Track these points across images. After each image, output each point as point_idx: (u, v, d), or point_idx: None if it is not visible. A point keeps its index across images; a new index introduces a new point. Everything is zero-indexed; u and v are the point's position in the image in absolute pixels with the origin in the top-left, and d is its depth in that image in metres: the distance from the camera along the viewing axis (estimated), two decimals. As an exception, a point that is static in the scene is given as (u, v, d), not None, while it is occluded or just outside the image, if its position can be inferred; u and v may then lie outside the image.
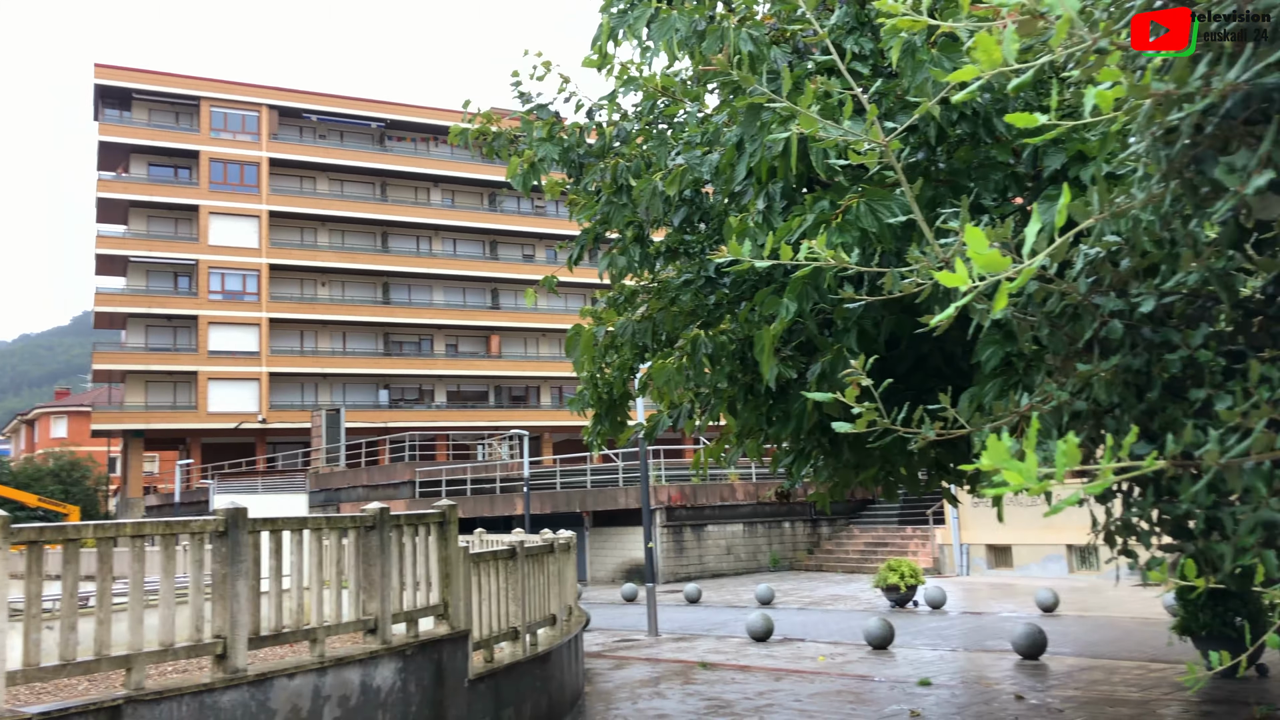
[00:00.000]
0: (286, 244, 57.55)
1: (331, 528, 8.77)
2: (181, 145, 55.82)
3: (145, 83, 55.80)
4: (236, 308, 54.89)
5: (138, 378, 53.66)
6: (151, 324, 54.75)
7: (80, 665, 6.87)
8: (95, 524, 7.26)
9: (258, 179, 56.73)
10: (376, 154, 60.97)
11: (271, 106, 57.89)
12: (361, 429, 51.51)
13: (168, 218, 56.19)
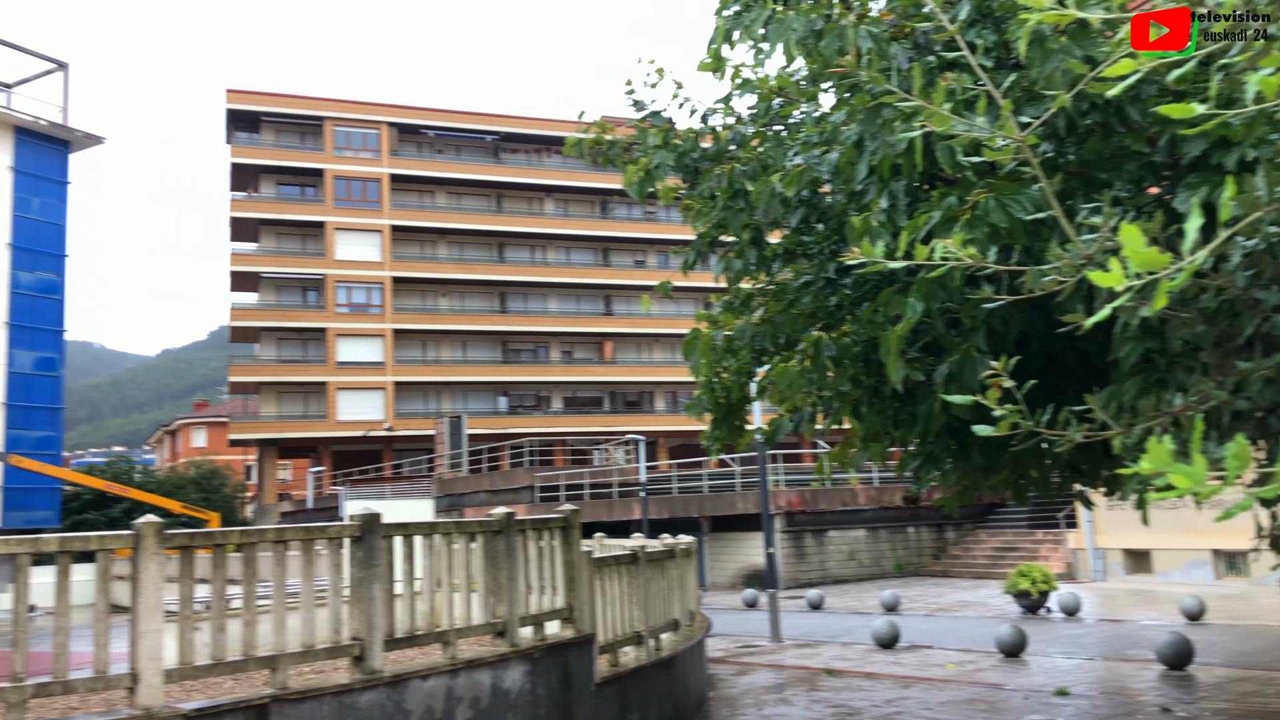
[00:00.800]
0: (408, 257, 59.21)
1: (460, 532, 8.97)
2: (307, 164, 58.03)
3: (272, 105, 58.23)
4: (362, 320, 56.73)
5: (271, 389, 55.97)
6: (283, 337, 57.05)
7: (230, 665, 7.20)
8: (240, 529, 7.60)
9: (379, 195, 58.55)
10: (492, 166, 62.24)
11: (391, 124, 59.68)
12: (482, 435, 52.58)
13: (296, 234, 58.47)
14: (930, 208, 5.82)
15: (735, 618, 22.55)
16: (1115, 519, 25.05)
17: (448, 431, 45.52)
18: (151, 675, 6.63)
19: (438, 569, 8.93)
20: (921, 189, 6.85)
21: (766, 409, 16.18)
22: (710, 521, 31.83)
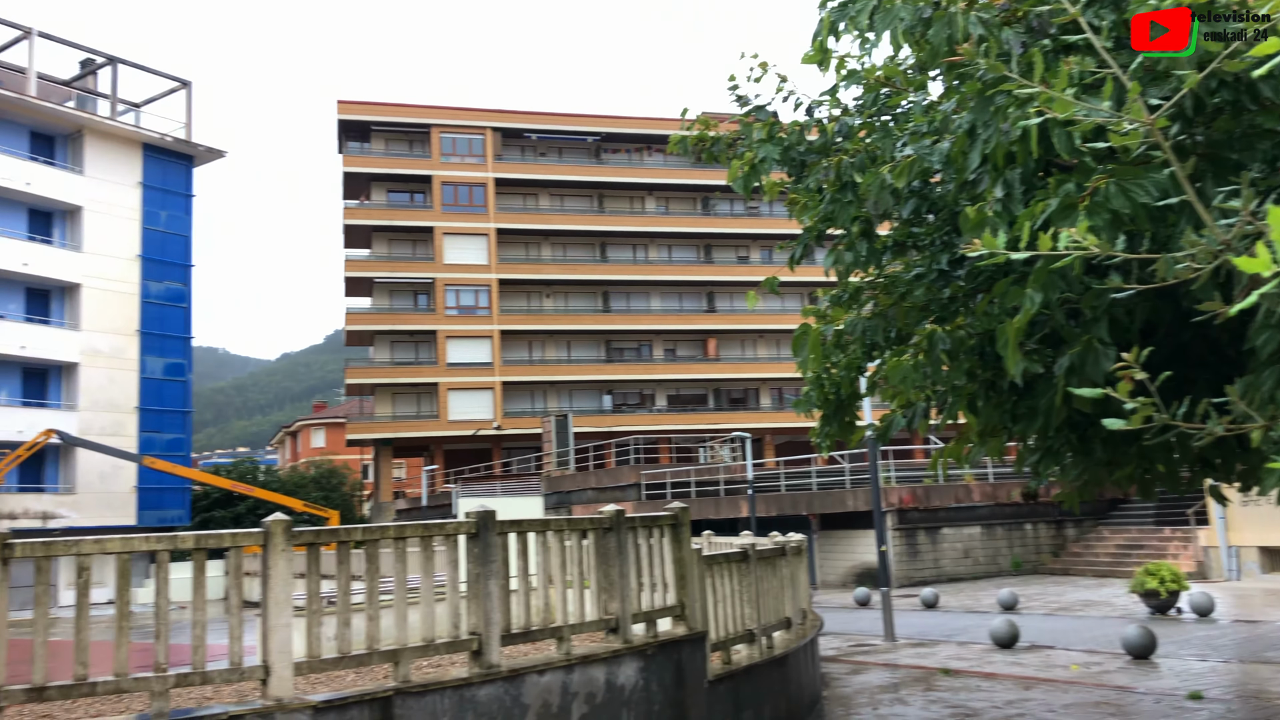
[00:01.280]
0: (513, 259, 60.17)
1: (571, 529, 9.08)
2: (416, 171, 59.48)
3: (381, 115, 59.87)
4: (470, 322, 57.89)
5: (385, 390, 57.58)
6: (396, 340, 58.62)
7: (354, 658, 7.43)
8: (363, 526, 7.84)
9: (485, 199, 59.64)
10: (593, 167, 62.78)
11: (495, 129, 60.73)
12: (588, 433, 53.08)
13: (406, 240, 60.00)
14: (1047, 195, 5.65)
15: (847, 616, 22.28)
16: (1250, 515, 23.91)
17: (554, 430, 46.10)
18: (282, 668, 6.90)
19: (550, 566, 9.06)
20: (1038, 176, 6.66)
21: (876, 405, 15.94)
22: (819, 519, 31.51)
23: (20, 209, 41.62)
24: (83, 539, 6.79)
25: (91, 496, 40.69)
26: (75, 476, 40.62)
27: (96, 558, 6.85)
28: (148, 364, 43.60)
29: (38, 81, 42.58)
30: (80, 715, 8.97)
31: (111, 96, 45.10)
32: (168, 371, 44.37)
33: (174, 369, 44.70)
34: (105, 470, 40.77)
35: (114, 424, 41.77)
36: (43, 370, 41.62)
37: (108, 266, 42.52)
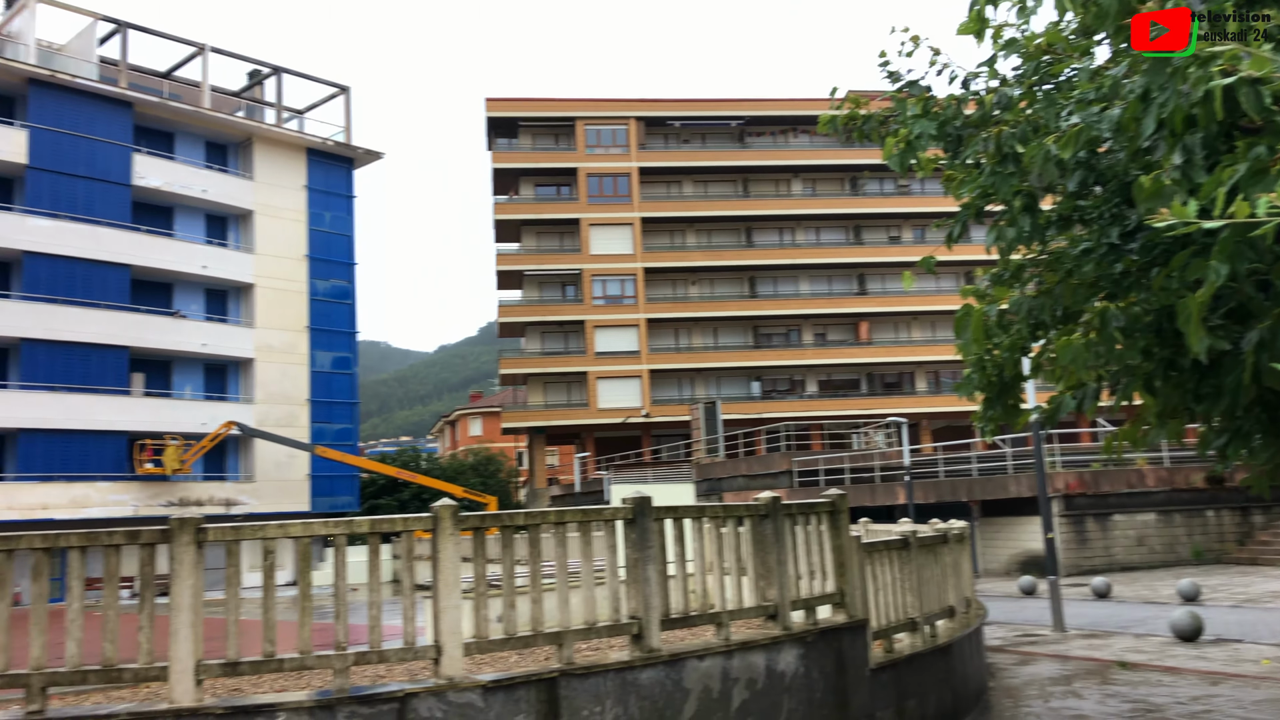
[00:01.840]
0: (658, 247, 60.49)
1: (728, 516, 9.08)
2: (562, 164, 60.48)
3: (528, 110, 61.10)
4: (617, 311, 58.55)
5: (537, 380, 58.89)
6: (546, 330, 59.86)
7: (520, 639, 7.63)
8: (525, 512, 8.04)
9: (629, 189, 60.13)
10: (737, 152, 62.42)
11: (638, 118, 61.10)
12: (736, 420, 52.96)
13: (553, 233, 61.12)
14: (1234, 160, 5.29)
15: (1012, 605, 21.55)
16: None
17: (703, 417, 46.17)
18: (453, 648, 7.15)
19: (707, 552, 9.08)
20: (1221, 140, 6.24)
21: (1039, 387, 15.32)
22: (980, 505, 30.55)
23: (198, 215, 44.38)
24: (267, 524, 7.20)
25: (269, 484, 43.15)
26: (254, 465, 43.14)
27: (278, 541, 7.24)
28: (317, 358, 45.86)
29: (211, 94, 45.24)
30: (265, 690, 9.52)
31: (277, 105, 47.52)
32: (335, 365, 46.57)
33: (341, 362, 46.89)
34: (281, 459, 43.15)
35: (287, 415, 44.14)
36: (222, 366, 44.32)
37: (278, 267, 44.89)
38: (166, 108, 42.57)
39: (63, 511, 36.81)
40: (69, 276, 38.50)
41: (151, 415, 40.32)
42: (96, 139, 39.82)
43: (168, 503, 39.33)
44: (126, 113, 41.08)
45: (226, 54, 46.12)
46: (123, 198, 40.48)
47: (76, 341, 38.29)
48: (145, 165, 41.49)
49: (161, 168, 42.22)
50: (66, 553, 7.04)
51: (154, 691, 9.04)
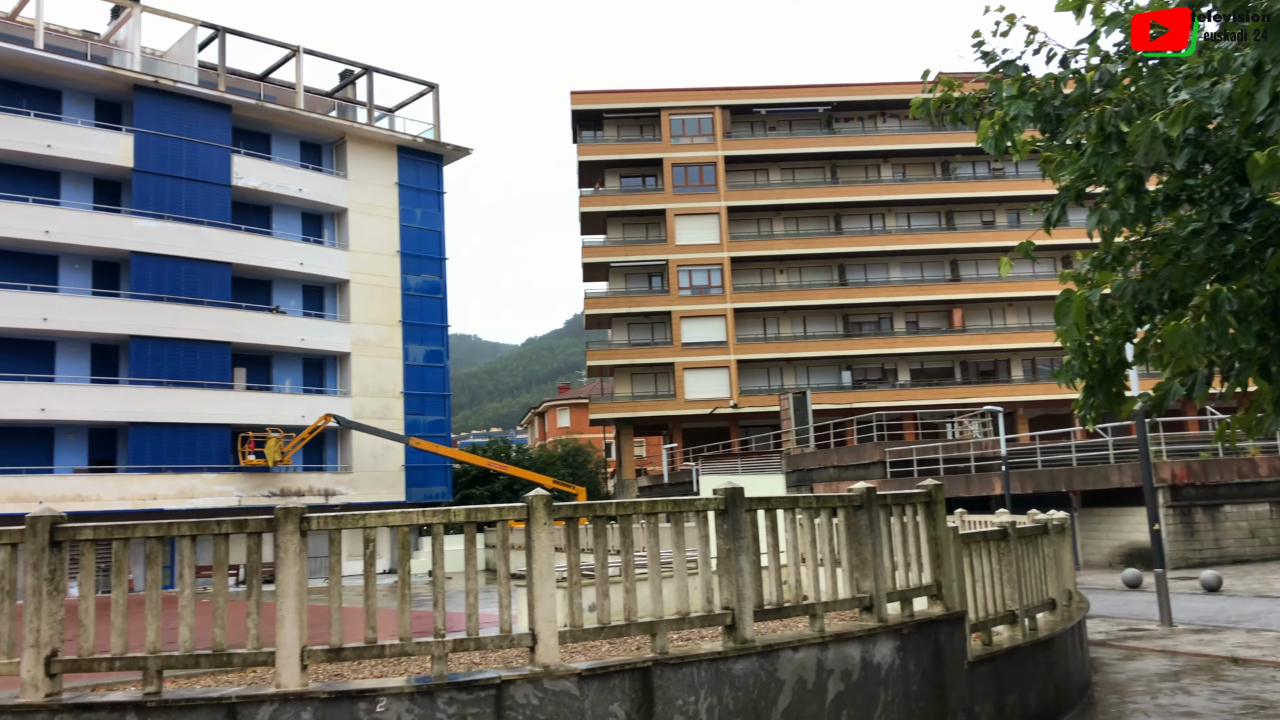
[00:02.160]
0: (745, 236, 60.15)
1: (821, 506, 8.98)
2: (647, 155, 60.51)
3: (613, 102, 61.26)
4: (704, 301, 58.42)
5: (624, 371, 59.13)
6: (632, 322, 60.05)
7: (614, 629, 7.67)
8: (617, 502, 8.07)
9: (715, 178, 59.90)
10: (825, 138, 61.66)
11: (723, 107, 60.78)
12: (827, 410, 52.42)
13: (639, 224, 61.23)
14: (1359, 132, 5.03)
15: (1115, 599, 20.91)
16: None
17: (792, 407, 45.81)
18: (548, 636, 7.23)
19: (800, 543, 9.00)
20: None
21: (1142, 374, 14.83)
22: (1080, 496, 29.70)
23: (295, 214, 45.62)
24: (367, 513, 7.37)
25: (365, 475, 44.21)
26: (351, 457, 44.25)
27: (377, 530, 7.40)
28: (410, 352, 46.80)
29: (305, 95, 46.43)
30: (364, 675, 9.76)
31: (368, 104, 48.53)
32: (427, 358, 47.46)
33: (433, 355, 47.76)
34: (377, 450, 44.18)
35: (382, 408, 45.15)
36: (320, 360, 45.52)
37: (371, 263, 45.90)
38: (263, 109, 43.82)
39: (171, 502, 38.28)
40: (174, 275, 39.96)
41: (253, 408, 41.65)
42: (198, 141, 41.20)
43: (269, 493, 40.61)
44: (225, 115, 42.41)
45: (319, 55, 47.25)
46: (223, 198, 41.82)
47: (182, 338, 39.73)
48: (244, 166, 42.80)
49: (259, 168, 43.49)
50: (177, 541, 7.31)
51: (259, 676, 9.34)
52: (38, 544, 7.02)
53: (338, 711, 6.73)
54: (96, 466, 38.94)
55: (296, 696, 6.74)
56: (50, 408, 37.00)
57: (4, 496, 35.18)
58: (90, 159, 38.98)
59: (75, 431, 38.68)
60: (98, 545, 7.24)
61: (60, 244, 38.18)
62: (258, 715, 6.68)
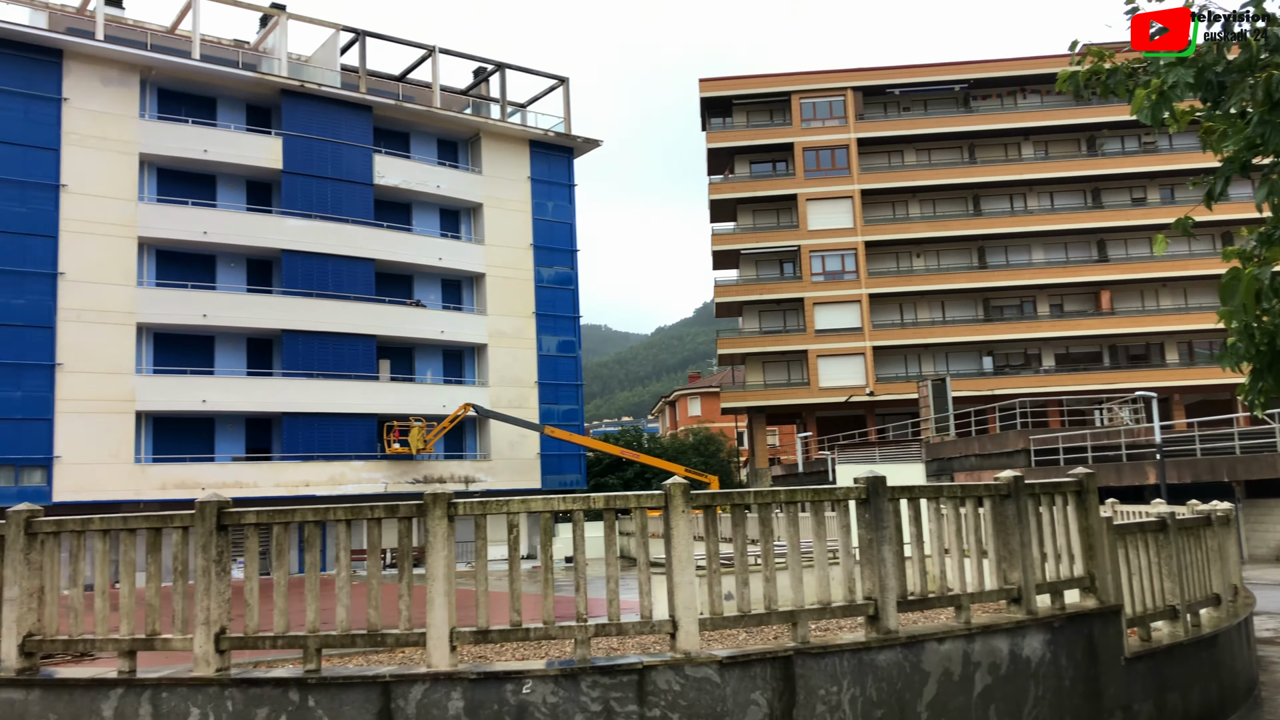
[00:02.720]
0: (879, 220, 58.95)
1: (966, 495, 8.75)
2: (777, 140, 59.89)
3: (742, 88, 60.85)
4: (838, 287, 57.55)
5: (756, 359, 58.80)
6: (764, 309, 59.63)
7: (754, 617, 7.64)
8: (755, 490, 8.04)
9: (848, 161, 58.86)
10: (962, 117, 59.83)
11: (855, 89, 59.62)
12: (967, 397, 50.97)
13: (770, 210, 60.70)
14: None
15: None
16: None
17: (931, 394, 44.70)
18: (688, 623, 7.26)
19: (945, 532, 8.79)
20: None
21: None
22: (1244, 486, 28.07)
23: (433, 210, 46.96)
24: (511, 499, 7.54)
25: (503, 462, 45.29)
26: (489, 445, 45.38)
27: (520, 515, 7.55)
28: (543, 342, 47.66)
29: (440, 93, 47.69)
30: (506, 658, 10.00)
31: (501, 100, 49.51)
32: (560, 349, 48.23)
33: (565, 346, 48.50)
34: (513, 439, 45.18)
35: (518, 397, 46.13)
36: (458, 351, 46.80)
37: (506, 256, 46.90)
38: (402, 109, 45.22)
39: (322, 488, 40.04)
40: (321, 272, 41.70)
41: (397, 398, 43.16)
42: (341, 142, 42.83)
43: (413, 480, 42.03)
44: (367, 116, 43.95)
45: (454, 54, 48.43)
46: (366, 196, 43.38)
47: (330, 332, 41.46)
48: (385, 165, 44.28)
49: (399, 166, 44.93)
50: (333, 525, 7.63)
51: (407, 656, 9.68)
52: (206, 528, 7.44)
53: (485, 692, 6.91)
54: (253, 455, 41.02)
55: (446, 677, 6.96)
56: (211, 399, 39.17)
57: (170, 483, 37.46)
58: (243, 162, 41.00)
59: (233, 421, 40.83)
60: (259, 529, 7.63)
61: (217, 244, 40.30)
62: (410, 694, 6.93)
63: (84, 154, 37.30)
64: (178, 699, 7.15)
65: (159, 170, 39.97)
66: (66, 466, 35.59)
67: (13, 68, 36.23)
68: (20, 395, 35.20)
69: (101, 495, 35.52)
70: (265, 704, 7.02)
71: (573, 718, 6.88)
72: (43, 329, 35.78)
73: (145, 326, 38.43)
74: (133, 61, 38.79)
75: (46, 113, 36.76)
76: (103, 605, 7.71)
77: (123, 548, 7.79)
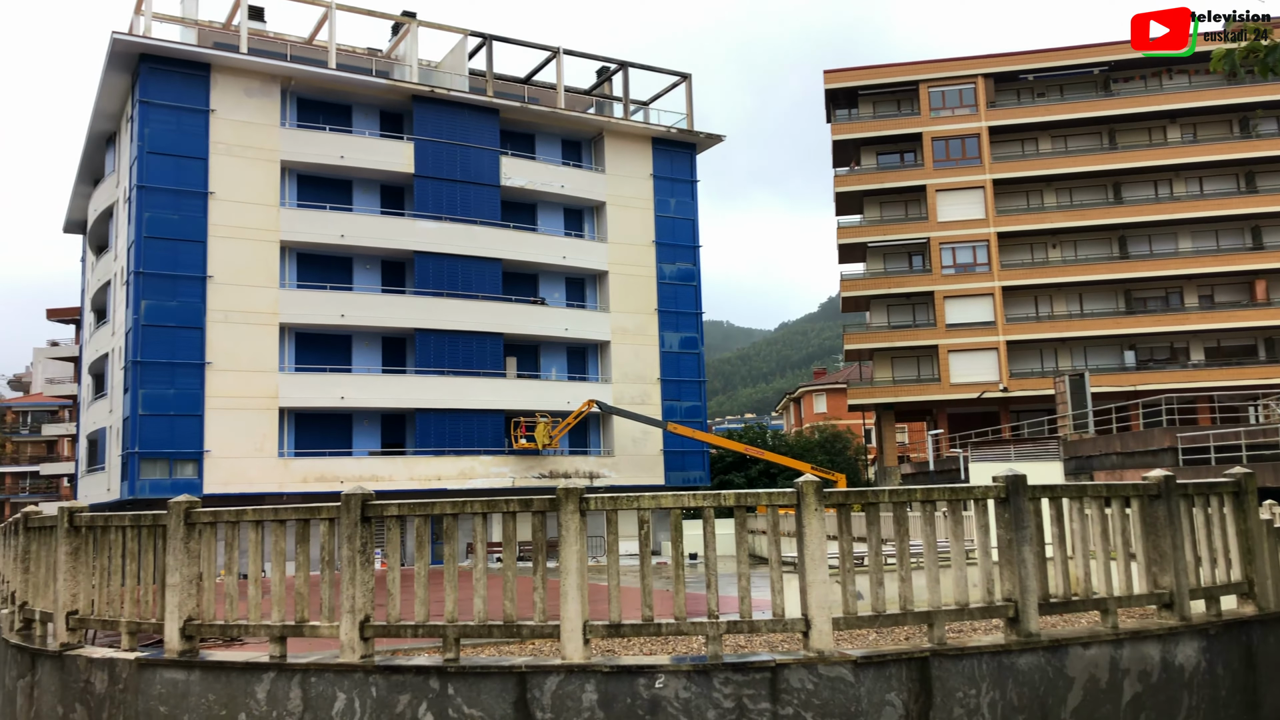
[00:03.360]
0: (1012, 210, 57.06)
1: (1112, 495, 8.40)
2: (904, 131, 58.56)
3: (867, 79, 59.72)
4: (969, 280, 55.96)
5: (884, 354, 57.66)
6: (892, 303, 58.43)
7: (889, 617, 7.51)
8: (889, 489, 7.88)
9: (979, 150, 57.15)
10: (1100, 101, 57.35)
11: (986, 75, 57.81)
12: (1107, 393, 48.89)
13: (897, 202, 59.41)
14: None
15: None
16: None
17: (1069, 390, 43.01)
18: (822, 622, 7.17)
19: (1089, 534, 8.45)
20: None
21: None
22: None
23: (557, 209, 47.65)
24: (641, 495, 7.58)
25: (626, 458, 45.64)
26: (613, 441, 45.80)
27: (650, 511, 7.59)
28: (666, 339, 47.82)
29: (564, 94, 48.34)
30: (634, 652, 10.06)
31: (624, 99, 49.85)
32: (683, 345, 48.31)
33: (688, 342, 48.55)
34: (636, 435, 45.49)
35: (640, 394, 46.41)
36: (582, 349, 47.37)
37: (628, 253, 47.24)
38: (528, 111, 46.00)
39: (452, 482, 41.11)
40: (451, 272, 42.81)
41: (523, 395, 43.99)
42: (470, 145, 43.86)
43: (539, 475, 42.77)
44: (494, 119, 44.88)
45: (577, 54, 49.01)
46: (493, 198, 44.32)
47: (460, 330, 42.54)
48: (511, 166, 45.14)
49: (524, 168, 45.74)
50: (468, 518, 7.82)
51: (537, 648, 9.85)
52: (351, 519, 7.72)
53: (618, 685, 6.98)
54: (388, 449, 42.42)
55: (580, 669, 7.05)
56: (348, 396, 40.69)
57: (311, 476, 39.07)
58: (377, 167, 42.40)
59: (369, 417, 42.30)
60: (399, 521, 7.87)
61: (353, 246, 41.80)
62: (545, 684, 7.05)
63: (230, 162, 39.21)
64: (325, 684, 7.44)
65: (298, 176, 41.69)
66: (216, 460, 37.50)
67: (166, 83, 38.35)
68: (174, 393, 37.25)
69: (248, 488, 37.33)
70: (407, 690, 7.24)
71: (705, 713, 6.89)
72: (193, 330, 37.79)
73: (287, 326, 40.16)
74: (274, 72, 40.57)
75: (196, 124, 38.78)
76: (255, 593, 8.08)
77: (273, 538, 8.16)
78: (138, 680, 8.18)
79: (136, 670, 8.20)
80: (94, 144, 45.33)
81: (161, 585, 8.49)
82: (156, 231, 37.48)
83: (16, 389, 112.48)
